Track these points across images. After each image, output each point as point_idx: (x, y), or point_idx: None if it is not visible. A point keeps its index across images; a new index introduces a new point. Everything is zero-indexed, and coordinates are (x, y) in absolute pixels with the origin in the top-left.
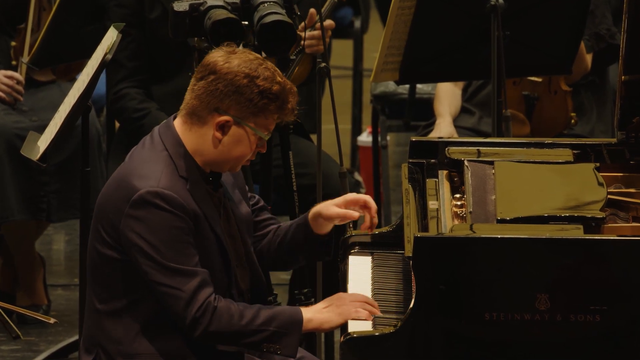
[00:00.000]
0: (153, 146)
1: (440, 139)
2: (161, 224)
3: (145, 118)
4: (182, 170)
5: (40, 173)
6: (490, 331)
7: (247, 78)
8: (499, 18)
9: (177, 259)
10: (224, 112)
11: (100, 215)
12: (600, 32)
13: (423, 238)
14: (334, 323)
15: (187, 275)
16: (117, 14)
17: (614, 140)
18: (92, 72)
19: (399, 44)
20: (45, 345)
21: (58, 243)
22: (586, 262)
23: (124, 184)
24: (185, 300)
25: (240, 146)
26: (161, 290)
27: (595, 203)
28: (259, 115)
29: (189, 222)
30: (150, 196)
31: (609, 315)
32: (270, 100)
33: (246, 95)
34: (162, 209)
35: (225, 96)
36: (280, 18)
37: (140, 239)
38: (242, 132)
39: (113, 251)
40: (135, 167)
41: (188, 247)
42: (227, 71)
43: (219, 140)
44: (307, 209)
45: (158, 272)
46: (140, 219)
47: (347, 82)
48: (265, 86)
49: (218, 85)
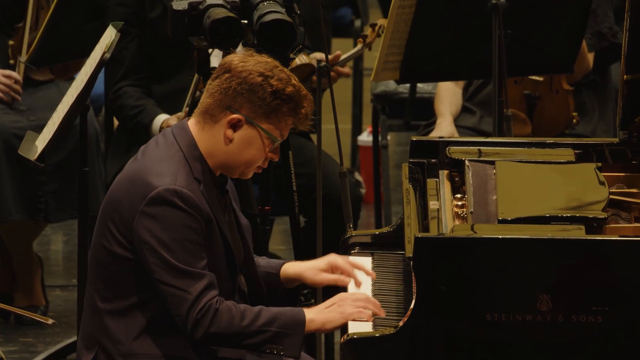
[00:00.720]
0: (167, 146)
1: (441, 138)
2: (176, 223)
3: (140, 115)
4: (197, 173)
5: (38, 173)
6: (491, 332)
7: (261, 77)
8: (500, 17)
9: (186, 260)
10: (236, 110)
11: (111, 212)
12: (602, 31)
13: (424, 238)
14: (336, 323)
15: (195, 277)
16: (118, 13)
17: (616, 140)
18: (90, 71)
19: (400, 43)
20: (43, 346)
21: (56, 243)
22: (588, 262)
23: (140, 182)
24: (189, 302)
25: (251, 148)
26: (167, 290)
27: (597, 203)
28: (272, 117)
29: (202, 223)
30: (169, 194)
31: (610, 316)
32: (283, 101)
33: (259, 94)
34: (178, 207)
35: (238, 94)
36: (280, 17)
37: (153, 237)
38: (254, 134)
39: (123, 249)
40: (151, 165)
41: (199, 248)
42: (242, 69)
43: (230, 140)
44: (307, 209)
45: (166, 271)
46: (155, 217)
47: (347, 81)
48: (279, 87)
49: (232, 83)
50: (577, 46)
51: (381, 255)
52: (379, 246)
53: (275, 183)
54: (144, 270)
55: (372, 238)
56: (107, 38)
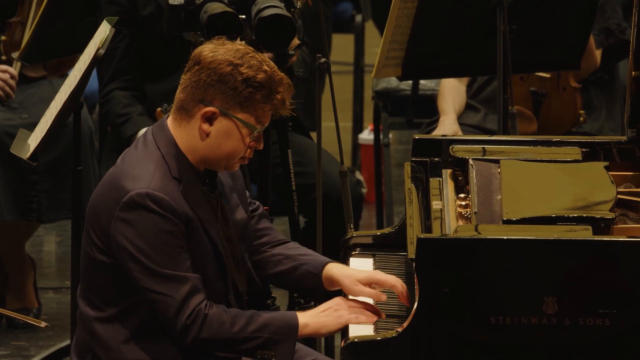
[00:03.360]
0: (146, 147)
1: (444, 136)
2: (150, 227)
3: (125, 124)
4: (175, 171)
5: (30, 172)
6: (496, 336)
7: (230, 66)
8: (505, 12)
9: (167, 264)
10: (209, 102)
11: (92, 218)
12: (610, 27)
13: (426, 239)
14: (331, 328)
15: (178, 281)
16: (109, 11)
17: (624, 138)
18: (84, 67)
19: (402, 38)
20: (35, 350)
21: (49, 244)
22: (595, 264)
23: (115, 186)
24: (175, 307)
25: (230, 140)
26: (151, 296)
27: (604, 203)
28: (246, 105)
29: (180, 225)
30: (140, 198)
31: (619, 320)
32: (255, 89)
33: (230, 84)
34: (152, 211)
35: (208, 86)
36: (278, 12)
37: (130, 243)
38: (231, 125)
39: (104, 256)
40: (126, 168)
41: (179, 251)
42: (211, 60)
43: (207, 134)
44: (306, 209)
45: (148, 277)
46: (130, 222)
47: (348, 78)
48: (249, 74)
49: (201, 76)
50: (584, 42)
51: (383, 256)
52: (380, 247)
53: (273, 182)
54: (126, 277)
55: (374, 239)
56: (101, 34)
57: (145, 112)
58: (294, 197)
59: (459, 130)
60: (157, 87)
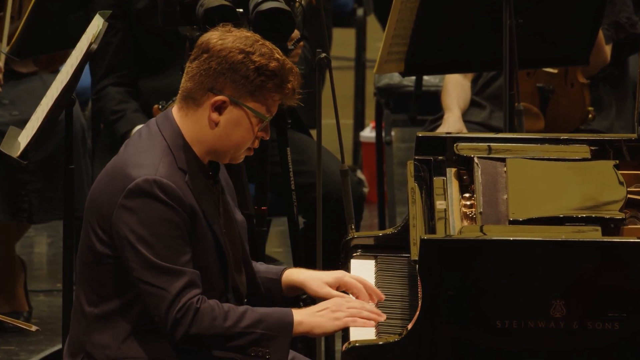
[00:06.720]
0: (150, 136)
1: (449, 134)
2: (155, 216)
3: (119, 121)
4: (182, 162)
5: (20, 171)
6: (501, 340)
7: (242, 54)
8: (511, 5)
9: (166, 256)
10: (218, 91)
11: (93, 209)
12: (620, 21)
13: (430, 240)
14: (326, 329)
15: (174, 274)
16: (102, 5)
17: (634, 136)
18: (76, 63)
19: (405, 32)
20: (26, 354)
21: (40, 246)
22: (604, 266)
23: (119, 174)
24: (168, 301)
25: (239, 129)
26: (145, 288)
27: (614, 203)
28: (257, 94)
29: (185, 216)
30: (147, 185)
31: (628, 323)
32: (268, 77)
33: (242, 73)
34: (158, 199)
35: (219, 74)
36: (277, 5)
37: (131, 231)
38: (241, 114)
39: (106, 247)
40: (131, 157)
41: (180, 243)
42: (221, 48)
43: (216, 124)
44: (306, 209)
45: (144, 269)
46: (133, 210)
47: (349, 73)
48: (262, 62)
49: (211, 64)
50: (593, 37)
51: (385, 258)
52: (382, 248)
53: (272, 181)
54: (126, 270)
55: (375, 240)
56: (94, 28)
57: (140, 108)
58: (293, 197)
59: (464, 128)
60: (152, 83)
